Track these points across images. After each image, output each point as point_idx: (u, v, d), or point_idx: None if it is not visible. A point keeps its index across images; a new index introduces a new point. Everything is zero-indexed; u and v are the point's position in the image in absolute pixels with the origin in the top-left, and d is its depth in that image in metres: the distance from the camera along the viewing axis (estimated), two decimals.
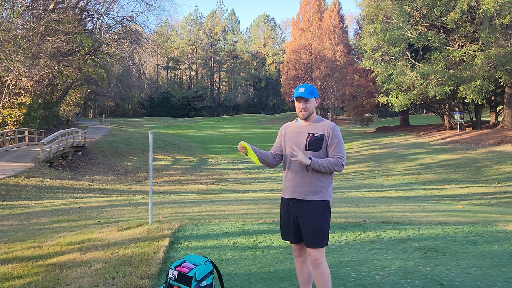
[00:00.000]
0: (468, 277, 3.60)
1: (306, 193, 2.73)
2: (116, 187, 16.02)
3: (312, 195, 2.72)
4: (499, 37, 25.92)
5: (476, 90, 26.10)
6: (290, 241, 2.89)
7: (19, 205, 10.68)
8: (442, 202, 12.31)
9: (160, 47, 60.77)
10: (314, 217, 2.72)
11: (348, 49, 57.12)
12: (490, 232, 5.18)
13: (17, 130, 22.49)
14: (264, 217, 6.20)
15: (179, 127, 47.49)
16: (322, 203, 2.73)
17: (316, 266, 2.71)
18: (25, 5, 24.73)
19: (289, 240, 2.90)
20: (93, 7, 34.07)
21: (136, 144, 27.58)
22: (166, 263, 3.96)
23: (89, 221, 6.91)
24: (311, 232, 2.71)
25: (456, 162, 20.64)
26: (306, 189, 2.73)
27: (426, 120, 47.24)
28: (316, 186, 2.72)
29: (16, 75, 22.17)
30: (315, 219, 2.72)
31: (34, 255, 4.49)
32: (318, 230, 2.71)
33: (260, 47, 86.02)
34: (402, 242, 4.76)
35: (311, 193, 2.72)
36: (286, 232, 2.88)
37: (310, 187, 2.73)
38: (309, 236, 2.72)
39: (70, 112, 42.57)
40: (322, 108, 60.65)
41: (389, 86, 30.61)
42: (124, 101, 72.37)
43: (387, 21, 30.12)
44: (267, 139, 36.20)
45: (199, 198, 11.55)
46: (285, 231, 2.90)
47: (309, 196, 2.73)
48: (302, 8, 60.54)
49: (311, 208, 2.73)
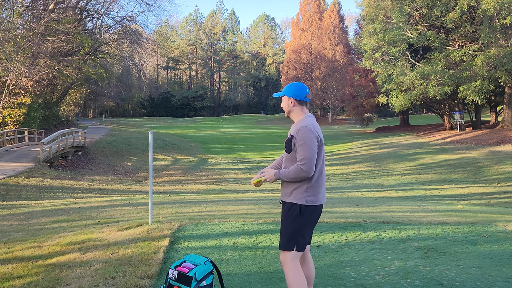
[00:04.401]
0: (468, 277, 3.60)
1: (284, 195, 2.79)
2: (116, 187, 16.02)
3: (287, 197, 2.75)
4: (499, 37, 25.92)
5: (476, 91, 26.12)
6: None
7: (19, 205, 10.68)
8: (442, 202, 12.31)
9: (160, 47, 60.77)
10: (283, 218, 2.78)
11: (348, 49, 57.16)
12: (490, 232, 5.18)
13: (17, 130, 22.48)
14: (264, 217, 6.20)
15: (179, 127, 47.49)
16: (292, 205, 2.71)
17: (283, 268, 2.77)
18: (25, 5, 24.74)
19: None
20: (93, 7, 34.07)
21: (136, 144, 27.58)
22: (166, 263, 3.96)
23: (89, 221, 6.91)
24: (280, 232, 2.80)
25: (456, 162, 20.64)
26: (284, 190, 2.79)
27: (426, 120, 47.24)
28: (290, 188, 2.73)
29: (16, 75, 22.18)
30: (283, 220, 2.78)
31: (34, 255, 4.49)
32: (283, 231, 2.76)
33: (260, 47, 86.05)
34: (402, 242, 4.76)
35: (286, 195, 2.76)
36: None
37: (286, 188, 2.77)
38: (280, 235, 2.80)
39: (70, 112, 42.56)
40: (322, 108, 60.70)
41: (389, 86, 30.63)
42: (124, 101, 72.41)
43: (387, 21, 30.13)
44: (267, 139, 36.21)
45: (199, 198, 11.55)
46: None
47: (285, 198, 2.77)
48: (302, 8, 60.56)
49: (284, 209, 2.79)
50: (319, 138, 2.71)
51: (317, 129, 2.74)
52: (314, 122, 2.76)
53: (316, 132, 2.69)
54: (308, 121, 2.73)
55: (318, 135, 2.70)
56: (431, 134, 32.06)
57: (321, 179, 2.75)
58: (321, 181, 2.75)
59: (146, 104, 78.77)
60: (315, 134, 2.67)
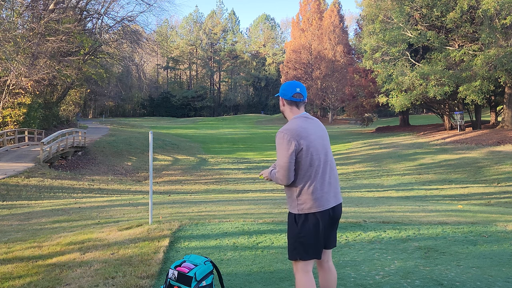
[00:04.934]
0: (468, 277, 3.60)
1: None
2: (116, 187, 16.02)
3: (287, 205, 2.70)
4: (499, 37, 25.92)
5: (476, 91, 26.11)
6: None
7: (19, 205, 10.68)
8: (442, 202, 12.31)
9: (160, 47, 60.80)
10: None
11: (348, 49, 57.16)
12: (490, 232, 5.18)
13: (17, 130, 22.48)
14: (264, 217, 6.20)
15: (179, 127, 47.49)
16: (289, 214, 2.65)
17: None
18: (25, 5, 24.74)
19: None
20: (93, 7, 34.07)
21: (136, 144, 27.58)
22: (166, 263, 3.96)
23: (89, 221, 6.91)
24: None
25: (456, 162, 20.64)
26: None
27: (426, 120, 47.25)
28: (287, 196, 2.67)
29: (16, 75, 22.17)
30: (287, 229, 2.70)
31: (34, 255, 4.49)
32: (287, 241, 2.68)
33: (260, 47, 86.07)
34: (402, 242, 4.76)
35: (287, 203, 2.70)
36: None
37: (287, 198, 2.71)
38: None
39: (70, 112, 42.56)
40: (322, 108, 60.69)
41: (389, 86, 30.63)
42: (124, 101, 72.42)
43: (387, 21, 30.13)
44: (267, 139, 36.20)
45: (199, 198, 11.55)
46: None
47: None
48: (302, 8, 60.56)
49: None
50: (298, 143, 2.47)
51: (301, 132, 2.51)
52: (299, 125, 2.54)
53: (295, 137, 2.48)
54: (290, 125, 2.55)
55: (296, 140, 2.47)
56: (431, 134, 32.07)
57: (317, 183, 2.53)
58: (318, 185, 2.53)
59: (146, 104, 78.79)
60: (289, 140, 2.47)
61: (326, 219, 2.56)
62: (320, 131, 2.65)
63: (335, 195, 2.63)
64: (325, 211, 2.54)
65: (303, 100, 2.64)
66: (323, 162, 2.57)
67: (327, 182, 2.58)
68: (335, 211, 2.62)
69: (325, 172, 2.58)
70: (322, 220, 2.54)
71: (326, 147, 2.63)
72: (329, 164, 2.61)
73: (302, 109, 2.66)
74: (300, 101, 2.63)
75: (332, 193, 2.59)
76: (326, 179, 2.58)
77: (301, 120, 2.59)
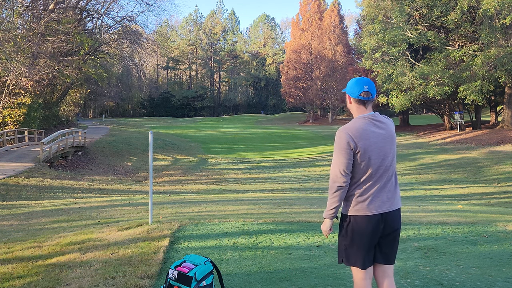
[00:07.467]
0: (468, 277, 3.60)
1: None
2: (116, 187, 16.02)
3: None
4: (499, 37, 25.92)
5: (476, 91, 26.12)
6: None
7: (19, 205, 10.68)
8: (442, 202, 12.31)
9: (160, 47, 60.82)
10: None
11: (348, 49, 57.13)
12: (490, 232, 5.18)
13: (17, 130, 22.48)
14: (264, 217, 6.20)
15: (179, 127, 47.48)
16: (340, 215, 2.57)
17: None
18: (25, 5, 24.73)
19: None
20: (93, 7, 34.06)
21: (136, 144, 27.58)
22: (166, 263, 3.96)
23: (89, 221, 6.91)
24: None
25: (456, 162, 20.64)
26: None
27: (426, 120, 47.25)
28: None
29: (16, 75, 22.17)
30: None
31: (34, 255, 4.49)
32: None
33: (260, 47, 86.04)
34: (402, 242, 4.76)
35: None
36: None
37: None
38: None
39: (70, 112, 42.56)
40: (322, 108, 60.68)
41: (389, 86, 30.64)
42: (124, 101, 72.43)
43: (387, 21, 30.13)
44: (267, 139, 36.20)
45: (199, 198, 11.54)
46: None
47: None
48: (302, 8, 60.52)
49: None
50: (356, 144, 2.38)
51: (361, 133, 2.40)
52: (360, 126, 2.42)
53: (353, 137, 2.39)
54: (351, 124, 2.45)
55: (353, 141, 2.38)
56: (431, 134, 32.06)
57: (373, 187, 2.41)
58: (371, 189, 2.41)
59: (146, 104, 78.79)
60: (346, 140, 2.39)
61: (376, 226, 2.41)
62: (386, 134, 2.48)
63: (390, 202, 2.46)
64: (373, 216, 2.41)
65: (371, 98, 2.48)
66: (381, 167, 2.43)
67: (380, 187, 2.44)
68: (388, 219, 2.44)
69: (382, 177, 2.44)
70: (371, 226, 2.41)
71: (387, 152, 2.46)
72: (388, 170, 2.46)
73: (370, 108, 2.51)
74: (368, 99, 2.48)
75: (385, 198, 2.44)
76: (380, 185, 2.44)
77: (364, 121, 2.45)
